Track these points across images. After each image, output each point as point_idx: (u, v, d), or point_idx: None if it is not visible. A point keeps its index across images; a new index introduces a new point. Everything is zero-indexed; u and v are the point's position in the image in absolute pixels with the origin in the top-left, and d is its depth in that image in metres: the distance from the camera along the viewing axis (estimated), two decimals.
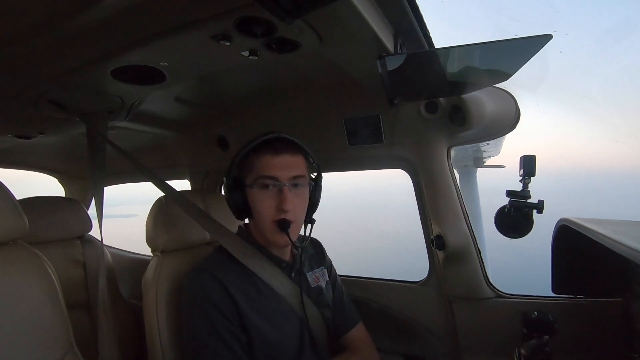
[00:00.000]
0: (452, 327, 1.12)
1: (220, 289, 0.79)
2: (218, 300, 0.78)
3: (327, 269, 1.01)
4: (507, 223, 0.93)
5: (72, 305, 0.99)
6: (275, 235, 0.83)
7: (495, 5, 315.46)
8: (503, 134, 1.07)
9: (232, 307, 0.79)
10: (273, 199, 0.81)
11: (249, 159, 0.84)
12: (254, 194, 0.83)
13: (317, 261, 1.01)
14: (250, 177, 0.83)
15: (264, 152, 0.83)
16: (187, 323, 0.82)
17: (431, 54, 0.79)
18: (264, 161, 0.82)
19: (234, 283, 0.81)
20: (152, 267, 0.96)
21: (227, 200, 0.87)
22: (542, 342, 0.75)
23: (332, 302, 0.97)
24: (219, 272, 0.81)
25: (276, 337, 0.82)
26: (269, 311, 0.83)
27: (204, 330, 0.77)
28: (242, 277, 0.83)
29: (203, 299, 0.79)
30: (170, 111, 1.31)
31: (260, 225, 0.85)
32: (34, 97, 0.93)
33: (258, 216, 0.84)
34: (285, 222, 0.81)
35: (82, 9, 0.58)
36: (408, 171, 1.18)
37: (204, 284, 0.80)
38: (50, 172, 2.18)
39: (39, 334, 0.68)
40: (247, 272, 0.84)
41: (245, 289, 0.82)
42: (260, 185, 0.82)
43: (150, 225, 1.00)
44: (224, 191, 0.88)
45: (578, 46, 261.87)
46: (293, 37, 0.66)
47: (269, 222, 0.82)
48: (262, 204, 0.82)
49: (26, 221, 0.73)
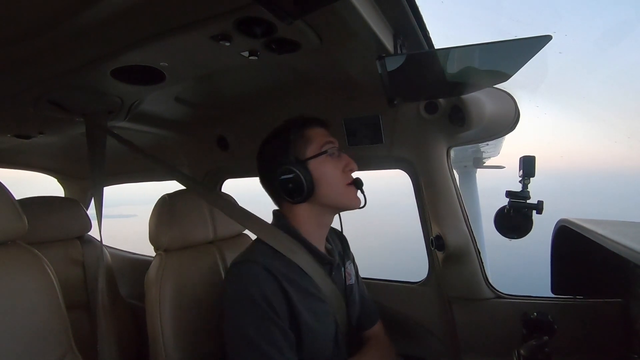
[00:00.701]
0: (452, 328, 1.12)
1: (273, 282, 0.74)
2: (271, 295, 0.73)
3: (352, 263, 0.99)
4: (506, 224, 0.93)
5: (72, 305, 0.99)
6: (352, 198, 0.84)
7: (495, 6, 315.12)
8: (502, 135, 1.07)
9: (285, 303, 0.74)
10: (337, 163, 0.83)
11: (304, 134, 0.83)
12: (320, 163, 0.82)
13: (346, 255, 0.98)
14: (312, 149, 0.82)
15: (314, 125, 0.85)
16: (233, 317, 0.75)
17: (431, 55, 0.79)
18: (320, 132, 0.85)
19: (286, 277, 0.76)
20: (155, 266, 0.96)
21: (288, 181, 0.80)
22: (542, 343, 0.75)
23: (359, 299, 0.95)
24: (270, 264, 0.76)
25: (323, 336, 0.80)
26: (316, 309, 0.79)
27: (254, 330, 0.71)
28: (292, 271, 0.78)
29: (257, 295, 0.72)
30: (170, 111, 1.31)
31: (334, 193, 0.82)
32: (34, 97, 0.93)
33: (329, 185, 0.82)
34: (359, 180, 0.84)
35: (82, 9, 0.58)
36: (408, 172, 1.18)
37: (256, 278, 0.74)
38: (49, 172, 2.18)
39: (38, 334, 0.68)
40: (295, 267, 0.80)
41: (297, 284, 0.78)
42: (325, 151, 0.82)
43: (153, 223, 1.00)
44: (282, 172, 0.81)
45: (577, 47, 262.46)
46: (293, 37, 0.66)
47: (342, 186, 0.83)
48: (333, 170, 0.82)
49: (25, 221, 0.73)
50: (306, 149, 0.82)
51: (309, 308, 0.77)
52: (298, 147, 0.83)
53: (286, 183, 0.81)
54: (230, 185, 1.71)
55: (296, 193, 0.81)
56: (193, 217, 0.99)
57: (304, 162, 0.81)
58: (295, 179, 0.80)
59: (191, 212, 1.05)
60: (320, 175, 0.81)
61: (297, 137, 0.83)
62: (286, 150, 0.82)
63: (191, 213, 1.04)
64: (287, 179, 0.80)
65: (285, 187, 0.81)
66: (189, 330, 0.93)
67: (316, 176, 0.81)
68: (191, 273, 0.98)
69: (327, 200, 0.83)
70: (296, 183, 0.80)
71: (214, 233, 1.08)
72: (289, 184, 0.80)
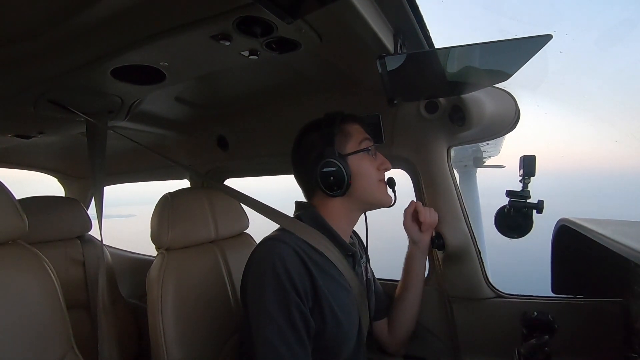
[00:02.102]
0: (452, 327, 1.12)
1: (299, 262, 0.74)
2: (296, 274, 0.72)
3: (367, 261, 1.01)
4: (506, 223, 0.93)
5: (72, 305, 0.99)
6: (385, 194, 0.87)
7: (495, 5, 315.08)
8: (503, 134, 1.07)
9: (309, 284, 0.74)
10: (373, 161, 0.86)
11: (343, 129, 0.85)
12: (359, 159, 0.84)
13: (363, 250, 1.01)
14: (351, 145, 0.85)
15: (352, 121, 0.88)
16: (257, 296, 0.75)
17: (431, 54, 0.79)
18: (358, 128, 0.87)
19: (312, 260, 0.77)
20: (156, 265, 0.96)
21: (330, 174, 0.81)
22: (542, 342, 0.75)
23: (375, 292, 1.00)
24: (298, 246, 0.76)
25: (347, 326, 0.80)
26: (341, 297, 0.80)
27: (275, 307, 0.71)
28: (318, 256, 0.79)
29: (282, 271, 0.72)
30: (170, 111, 1.31)
31: (369, 189, 0.85)
32: (34, 97, 0.93)
33: (365, 180, 0.84)
34: (392, 179, 0.88)
35: (82, 9, 0.58)
36: (408, 171, 1.18)
37: (282, 255, 0.73)
38: (50, 172, 2.18)
39: (38, 334, 0.68)
40: (321, 254, 0.80)
41: (322, 268, 0.78)
42: (365, 148, 0.85)
43: (155, 222, 1.00)
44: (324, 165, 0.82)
45: (578, 46, 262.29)
46: (293, 37, 0.66)
47: (376, 182, 0.85)
48: (369, 167, 0.85)
49: (26, 221, 0.73)
50: (347, 144, 0.85)
51: (333, 293, 0.77)
52: (339, 141, 0.84)
53: (327, 176, 0.82)
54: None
55: (336, 186, 0.82)
56: (195, 216, 0.99)
57: (345, 157, 0.83)
58: (337, 173, 0.81)
59: (193, 211, 1.05)
60: (358, 170, 0.83)
61: (338, 131, 0.84)
62: (329, 143, 0.83)
63: (193, 212, 1.04)
64: (328, 172, 0.82)
65: (326, 180, 0.82)
66: (191, 329, 0.93)
67: (354, 171, 0.83)
68: (193, 272, 0.98)
69: (362, 195, 0.85)
70: (337, 177, 0.81)
71: (216, 232, 1.08)
72: (330, 177, 0.82)
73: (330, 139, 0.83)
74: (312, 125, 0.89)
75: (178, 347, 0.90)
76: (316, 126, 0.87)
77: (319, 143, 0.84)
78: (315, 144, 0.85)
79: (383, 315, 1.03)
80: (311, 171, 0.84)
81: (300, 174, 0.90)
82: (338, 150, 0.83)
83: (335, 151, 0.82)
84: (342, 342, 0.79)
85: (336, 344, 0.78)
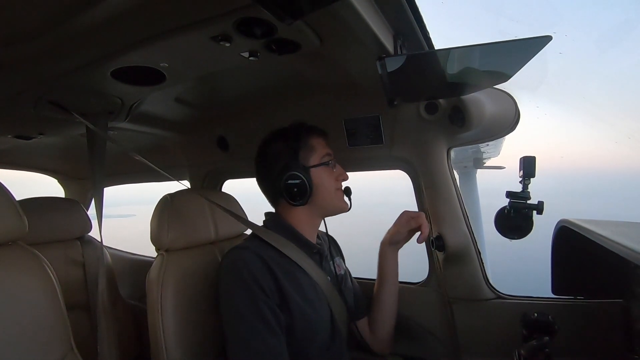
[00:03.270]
0: (452, 328, 1.11)
1: (262, 265, 0.81)
2: (260, 277, 0.79)
3: (342, 260, 1.07)
4: (507, 224, 0.93)
5: (72, 306, 0.99)
6: (342, 202, 0.94)
7: (495, 6, 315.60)
8: (503, 135, 1.07)
9: (273, 284, 0.80)
10: (332, 173, 0.93)
11: (308, 142, 0.92)
12: (320, 171, 0.91)
13: (336, 252, 1.06)
14: (314, 158, 0.91)
15: (317, 134, 0.94)
16: (227, 300, 0.82)
17: (431, 55, 0.79)
18: (321, 142, 0.93)
19: (275, 260, 0.84)
20: (156, 266, 0.96)
21: (293, 186, 0.88)
22: (542, 343, 0.74)
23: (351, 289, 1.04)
24: (260, 250, 0.84)
25: (316, 318, 0.85)
26: (307, 295, 0.86)
27: (244, 306, 0.78)
28: (282, 258, 0.86)
29: (247, 275, 0.79)
30: (170, 112, 1.31)
31: (328, 199, 0.92)
32: (34, 97, 0.93)
33: (325, 191, 0.91)
34: (349, 189, 0.96)
35: (82, 9, 0.58)
36: (408, 172, 1.18)
37: (246, 260, 0.81)
38: (50, 172, 2.18)
39: (38, 335, 0.68)
40: (285, 257, 0.87)
41: (285, 268, 0.85)
42: (324, 162, 0.91)
43: (155, 223, 0.99)
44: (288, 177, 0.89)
45: (578, 47, 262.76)
46: (293, 38, 0.66)
47: (334, 192, 0.93)
48: (329, 179, 0.92)
49: (26, 222, 0.73)
50: (310, 158, 0.91)
51: (299, 292, 0.84)
52: (304, 154, 0.91)
53: (291, 187, 0.88)
54: (229, 186, 1.71)
55: (299, 197, 0.89)
56: (195, 217, 0.99)
57: (308, 170, 0.90)
58: (300, 185, 0.88)
59: (193, 212, 1.05)
60: (319, 182, 0.90)
61: (302, 144, 0.91)
62: (294, 156, 0.90)
63: (193, 213, 1.04)
64: (292, 184, 0.88)
65: (290, 191, 0.89)
66: (190, 330, 0.93)
67: (316, 183, 0.90)
68: (192, 273, 0.98)
69: (322, 204, 0.92)
70: (300, 188, 0.88)
71: (216, 233, 1.08)
72: (294, 188, 0.88)
73: (296, 152, 0.90)
74: (277, 135, 0.94)
75: (178, 347, 0.90)
76: (281, 137, 0.93)
77: (284, 155, 0.90)
78: (281, 156, 0.91)
79: (363, 314, 1.05)
80: (276, 182, 0.90)
81: (265, 183, 0.96)
82: (302, 163, 0.90)
83: (299, 164, 0.90)
84: (314, 334, 0.85)
85: (307, 336, 0.84)
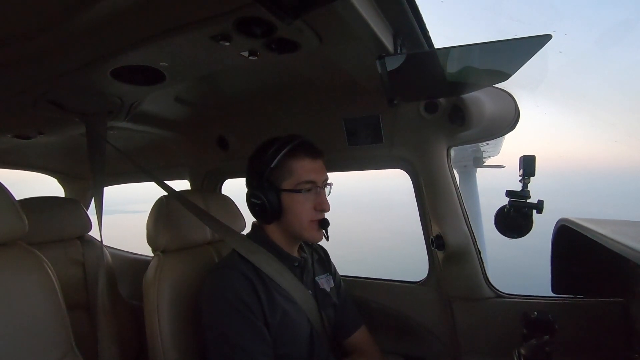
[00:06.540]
0: (452, 327, 1.12)
1: (248, 285, 0.80)
2: (245, 295, 0.78)
3: (332, 276, 1.03)
4: (506, 223, 0.93)
5: (72, 305, 0.98)
6: (314, 233, 0.87)
7: (494, 5, 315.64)
8: (502, 134, 1.07)
9: (258, 303, 0.80)
10: (310, 200, 0.86)
11: (286, 164, 0.85)
12: (293, 197, 0.85)
13: (323, 267, 1.02)
14: (289, 182, 0.85)
15: (302, 156, 0.86)
16: (212, 317, 0.80)
17: (431, 55, 0.79)
18: (305, 166, 0.85)
19: (259, 279, 0.82)
20: (152, 267, 0.96)
21: (255, 205, 0.86)
22: (542, 342, 0.75)
23: (336, 306, 0.99)
24: (244, 269, 0.82)
25: (297, 334, 0.84)
26: (287, 309, 0.84)
27: (228, 324, 0.77)
28: (263, 275, 0.84)
29: (233, 297, 0.78)
30: (169, 111, 1.31)
31: (297, 225, 0.86)
32: (34, 97, 0.93)
33: (295, 217, 0.86)
34: (326, 221, 0.88)
35: (82, 9, 0.58)
36: (408, 171, 1.18)
37: (233, 282, 0.80)
38: (49, 172, 2.17)
39: (38, 335, 0.68)
40: (261, 272, 0.85)
41: (267, 287, 0.83)
42: (298, 190, 0.85)
43: (151, 224, 1.00)
44: (252, 195, 0.87)
45: (577, 46, 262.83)
46: (293, 37, 0.66)
47: (306, 222, 0.86)
48: (302, 206, 0.85)
49: (26, 222, 0.73)
50: (284, 181, 0.85)
51: (280, 308, 0.83)
52: (277, 175, 0.85)
53: (254, 205, 0.87)
54: (229, 186, 1.71)
55: (261, 217, 0.88)
56: (190, 219, 0.99)
57: (279, 191, 0.85)
58: (262, 205, 0.85)
59: (188, 213, 1.05)
60: (289, 207, 0.85)
61: (279, 164, 0.85)
62: (263, 174, 0.85)
63: (188, 214, 1.04)
64: (255, 203, 0.86)
65: (253, 208, 0.88)
66: (187, 330, 0.93)
67: (286, 207, 0.85)
68: (189, 274, 0.98)
69: (291, 229, 0.88)
70: (262, 208, 0.85)
71: (212, 234, 1.08)
72: (255, 207, 0.86)
73: (269, 171, 0.84)
74: (264, 146, 0.89)
75: (174, 347, 0.90)
76: (264, 150, 0.87)
77: (257, 170, 0.86)
78: (255, 171, 0.88)
79: (351, 332, 1.00)
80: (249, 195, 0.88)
81: (246, 195, 0.91)
82: (275, 183, 0.85)
83: (271, 184, 0.85)
84: (294, 348, 0.84)
85: (289, 352, 0.83)
